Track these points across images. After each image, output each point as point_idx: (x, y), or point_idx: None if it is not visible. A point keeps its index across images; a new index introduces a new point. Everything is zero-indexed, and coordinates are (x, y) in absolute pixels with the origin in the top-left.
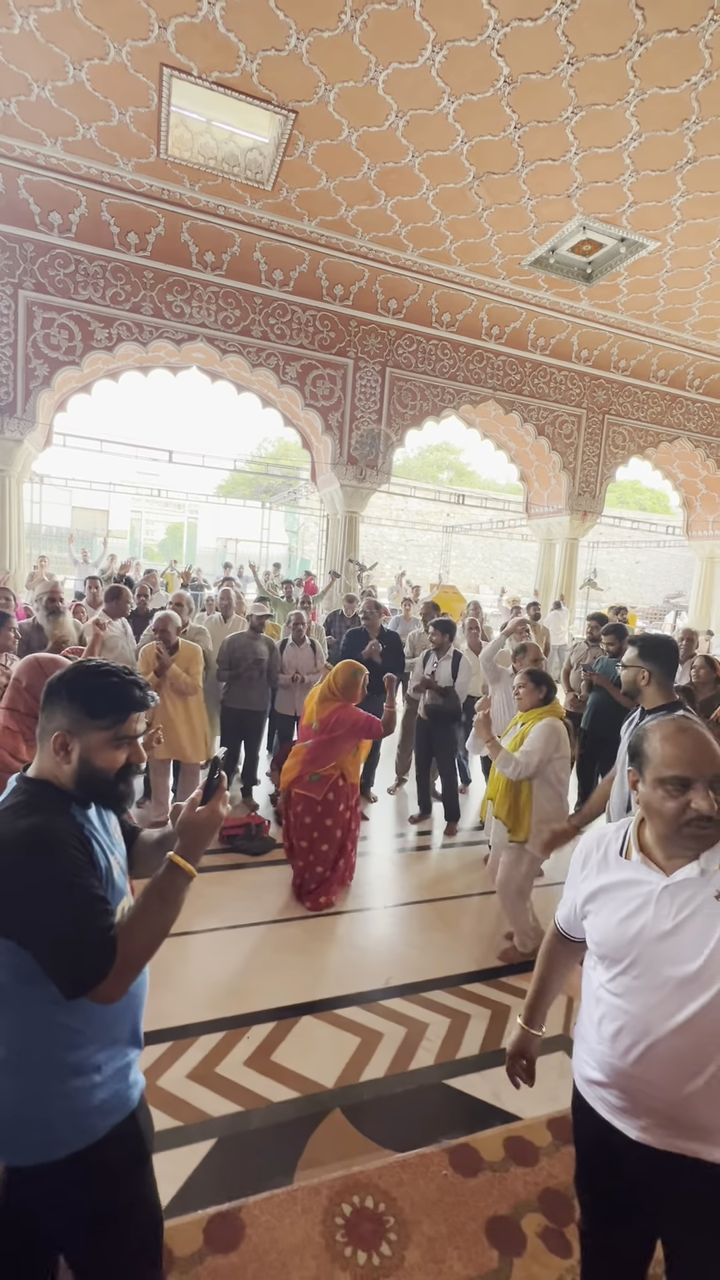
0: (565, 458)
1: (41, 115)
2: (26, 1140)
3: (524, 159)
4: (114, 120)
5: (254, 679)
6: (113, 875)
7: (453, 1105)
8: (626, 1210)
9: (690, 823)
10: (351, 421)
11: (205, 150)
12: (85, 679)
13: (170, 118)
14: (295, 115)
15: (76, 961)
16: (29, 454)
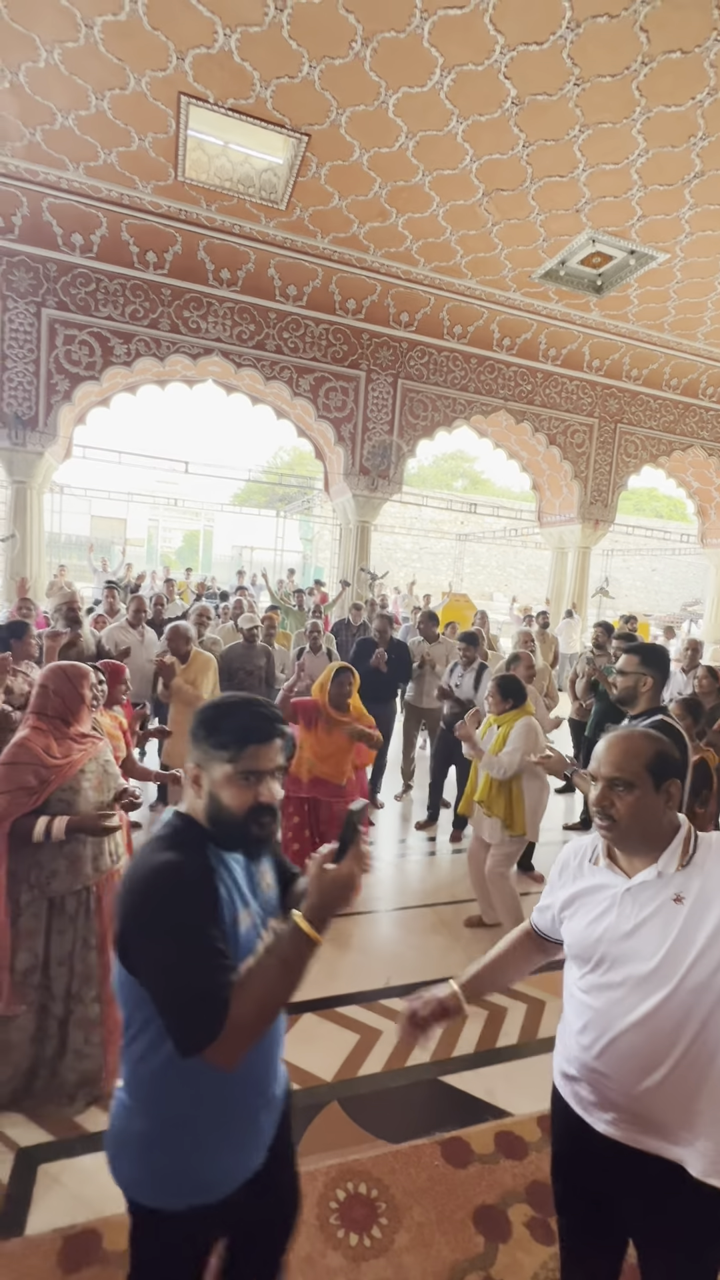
0: (577, 467)
1: (65, 142)
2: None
3: (532, 176)
4: (134, 146)
5: (251, 687)
6: (238, 929)
7: (447, 1100)
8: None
9: (597, 814)
10: (364, 432)
11: (221, 172)
12: (212, 708)
13: (187, 142)
14: (308, 138)
15: (184, 1017)
16: (49, 466)
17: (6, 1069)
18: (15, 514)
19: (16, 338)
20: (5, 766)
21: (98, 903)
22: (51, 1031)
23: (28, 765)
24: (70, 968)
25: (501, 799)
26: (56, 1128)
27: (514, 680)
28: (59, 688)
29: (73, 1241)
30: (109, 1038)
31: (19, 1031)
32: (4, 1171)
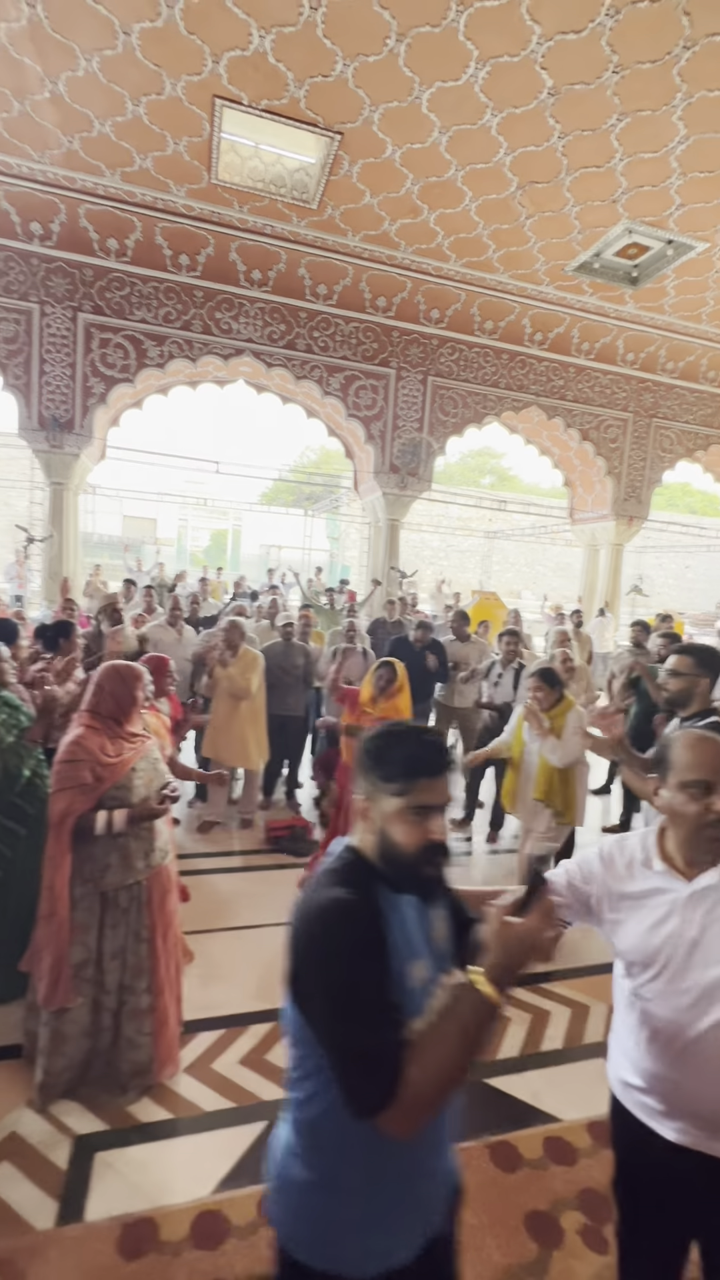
0: (610, 462)
1: (102, 149)
2: (276, 1211)
3: (568, 167)
4: (169, 150)
5: (290, 685)
6: (410, 982)
7: (493, 1103)
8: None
9: (711, 825)
10: (393, 430)
11: (253, 173)
12: (378, 738)
13: (221, 145)
14: (340, 136)
15: (354, 1077)
16: (85, 467)
17: (61, 1060)
18: (52, 515)
19: (54, 342)
20: (64, 764)
21: (148, 896)
22: (105, 1024)
23: (84, 762)
24: (123, 961)
25: (562, 790)
26: (111, 1117)
27: (555, 672)
28: (114, 688)
29: (131, 1230)
30: (159, 1028)
31: (73, 1024)
32: (62, 1158)
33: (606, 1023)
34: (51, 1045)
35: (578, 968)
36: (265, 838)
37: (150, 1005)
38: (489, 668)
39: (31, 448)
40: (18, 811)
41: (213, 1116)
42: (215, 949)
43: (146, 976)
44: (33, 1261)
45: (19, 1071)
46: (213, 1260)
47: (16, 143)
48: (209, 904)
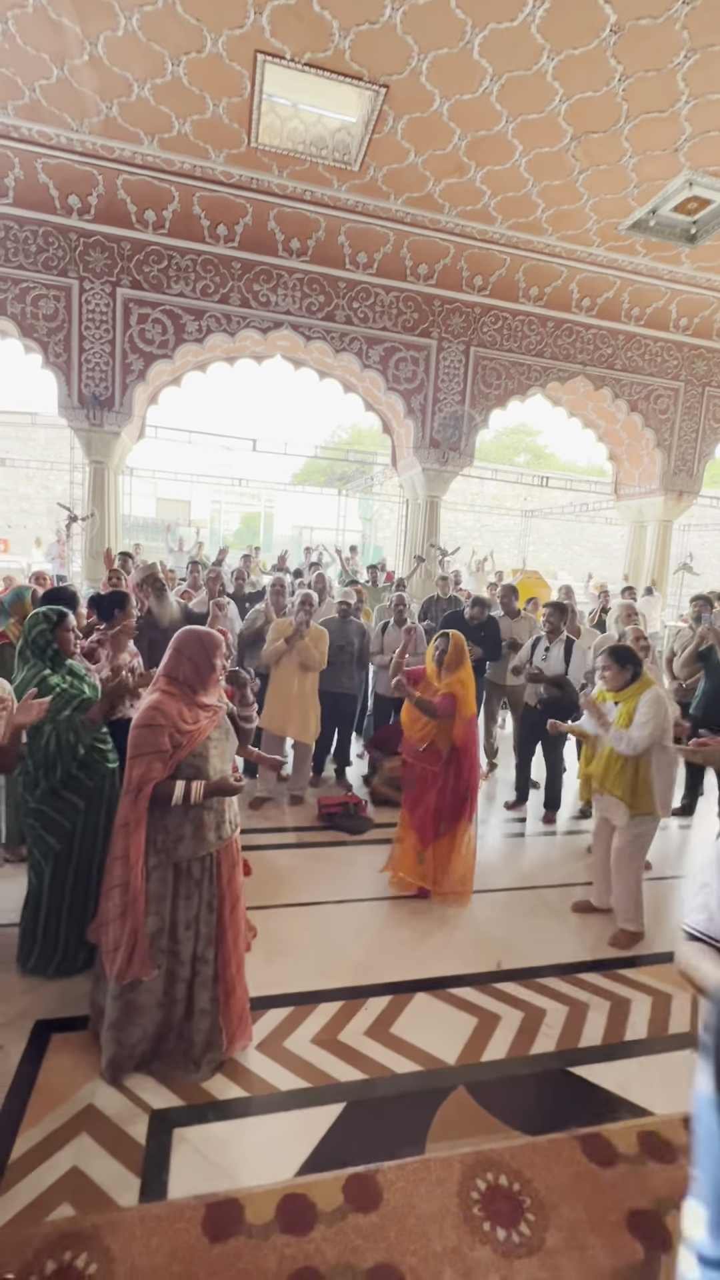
0: (660, 434)
1: (140, 114)
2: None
3: (627, 114)
4: (208, 113)
5: (344, 663)
6: None
7: (578, 1093)
8: None
9: None
10: (434, 404)
11: (294, 135)
12: None
13: (261, 106)
14: (386, 90)
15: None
16: (125, 446)
17: (136, 1032)
18: (93, 493)
19: (93, 319)
20: (143, 729)
21: (218, 869)
22: (179, 995)
23: (163, 728)
24: (196, 931)
25: (622, 778)
26: (186, 1093)
27: (629, 649)
28: (194, 654)
29: (214, 1210)
30: (226, 999)
31: (148, 994)
32: (139, 1133)
33: (693, 1014)
34: (125, 1018)
35: (657, 954)
36: (318, 814)
37: (219, 975)
38: (534, 642)
39: (72, 426)
40: (77, 784)
41: (289, 1096)
42: (276, 925)
43: (215, 946)
44: (118, 1237)
45: (91, 1043)
46: (302, 1247)
47: (55, 111)
48: (267, 880)
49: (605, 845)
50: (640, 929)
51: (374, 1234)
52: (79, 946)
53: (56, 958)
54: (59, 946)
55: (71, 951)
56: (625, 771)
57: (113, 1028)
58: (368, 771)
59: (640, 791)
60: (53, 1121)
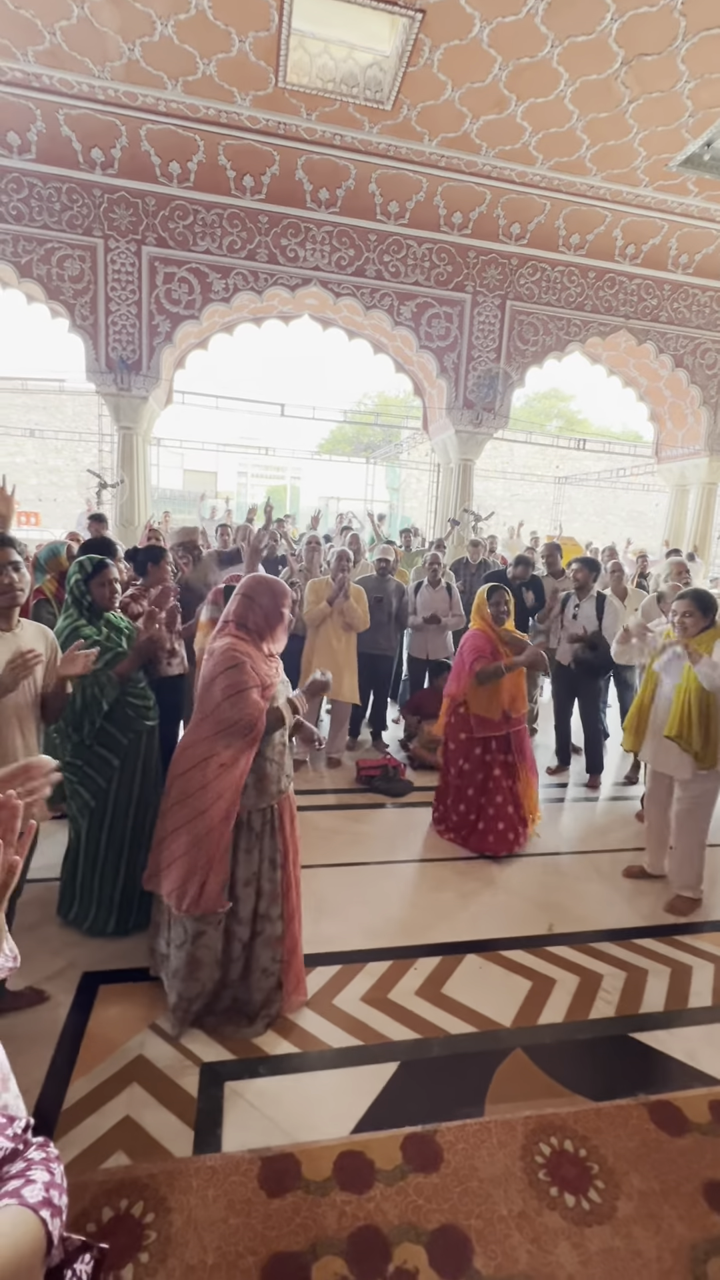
0: (706, 391)
1: (163, 55)
2: None
3: (685, 30)
4: (233, 50)
5: (383, 623)
6: None
7: (643, 1060)
8: None
9: None
10: (468, 362)
11: (324, 72)
12: None
13: (289, 40)
14: (423, 15)
15: None
16: (153, 412)
17: (195, 986)
18: (123, 460)
19: (119, 279)
20: (235, 670)
21: (279, 821)
22: (236, 954)
23: (247, 665)
24: (257, 888)
25: (700, 730)
26: (236, 1047)
27: (711, 596)
28: (266, 602)
29: (270, 1164)
30: (289, 955)
31: (208, 950)
32: (191, 1085)
33: None
34: (187, 970)
35: (716, 920)
36: (357, 777)
37: (283, 932)
38: (564, 600)
39: (99, 391)
40: (112, 741)
41: (341, 1054)
42: (321, 885)
43: (280, 903)
44: (174, 1189)
45: (142, 994)
46: (362, 1205)
47: (76, 55)
48: (310, 840)
49: (661, 807)
50: (699, 895)
51: (436, 1195)
52: (110, 909)
53: (91, 913)
54: (93, 903)
55: (103, 914)
56: (700, 721)
57: (175, 977)
58: (404, 735)
59: (711, 745)
60: (104, 1071)
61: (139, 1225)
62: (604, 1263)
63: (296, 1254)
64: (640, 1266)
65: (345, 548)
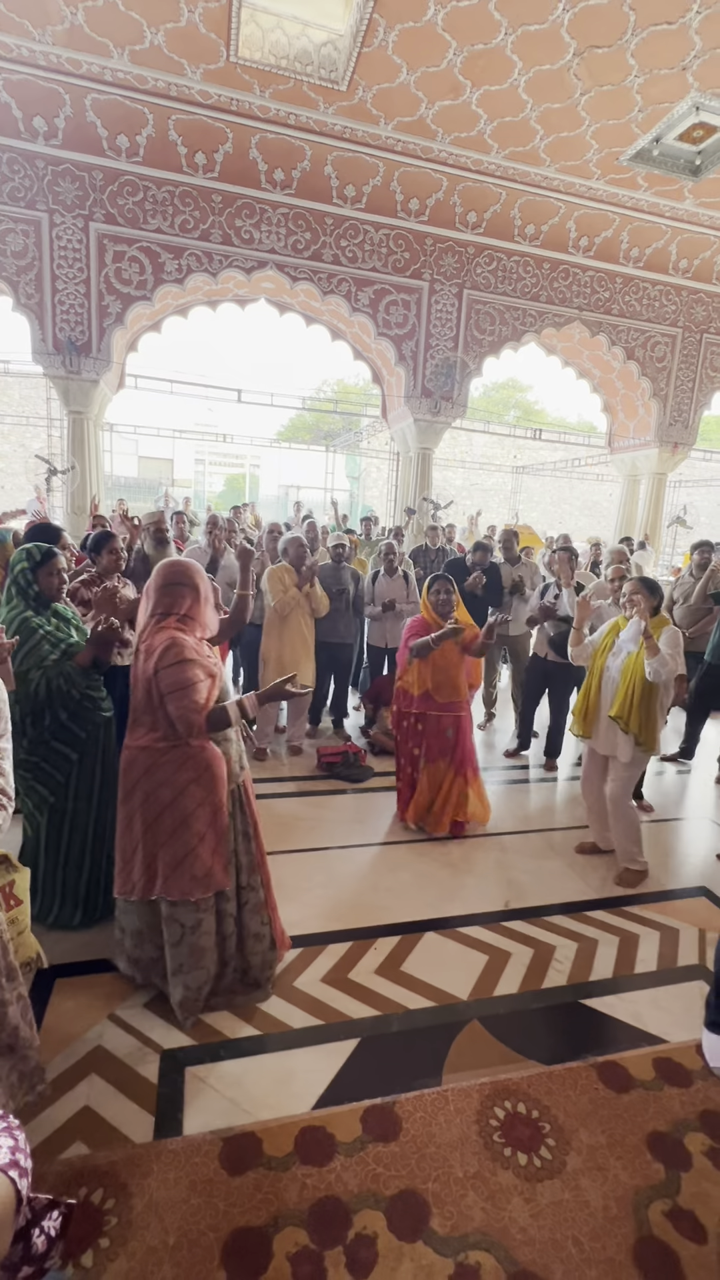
0: (656, 384)
1: (108, 22)
2: None
3: (635, 24)
4: (183, 20)
5: (340, 611)
6: None
7: (592, 1024)
8: None
9: None
10: (426, 350)
11: (277, 49)
12: None
13: (241, 12)
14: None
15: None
16: (105, 396)
17: (201, 975)
18: (73, 445)
19: (65, 256)
20: (182, 664)
21: (245, 796)
22: (229, 930)
23: (194, 662)
24: (237, 863)
25: (641, 712)
26: (197, 1032)
27: (659, 585)
28: (190, 583)
29: (232, 1144)
30: (273, 915)
31: (207, 935)
32: (151, 1072)
33: (701, 945)
34: (192, 961)
35: (661, 891)
36: (318, 764)
37: (265, 898)
38: (544, 588)
39: (47, 373)
40: (69, 734)
41: (302, 1033)
42: (281, 871)
43: (258, 870)
44: (134, 1174)
45: (101, 986)
46: (323, 1177)
47: (14, 18)
48: (271, 827)
49: (596, 786)
50: (644, 866)
51: (395, 1162)
52: (77, 902)
53: (55, 908)
54: (57, 898)
55: (68, 908)
56: (643, 707)
57: (179, 974)
58: (365, 722)
59: (651, 726)
60: (61, 1063)
61: (98, 1212)
62: (554, 1214)
63: (258, 1228)
64: (588, 1215)
65: (301, 534)
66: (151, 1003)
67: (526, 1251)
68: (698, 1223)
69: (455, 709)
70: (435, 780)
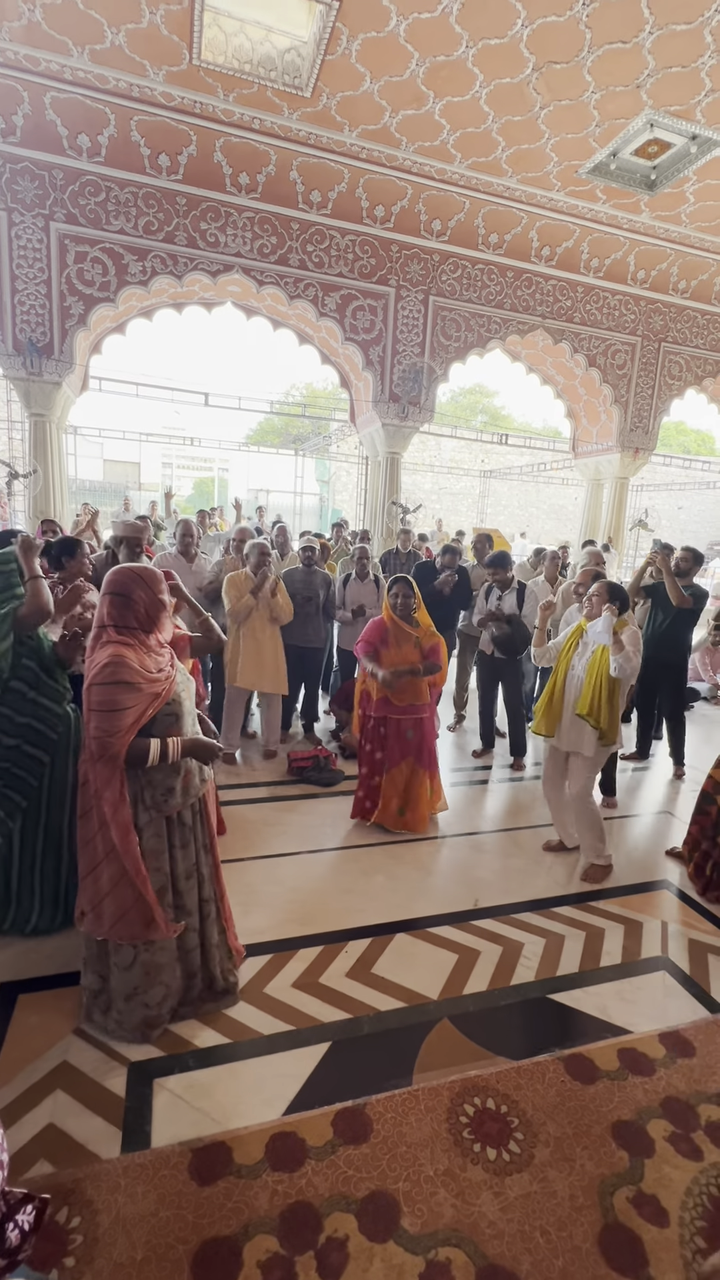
0: (617, 390)
1: (68, 20)
2: None
3: (591, 42)
4: (144, 21)
5: (310, 615)
6: None
7: (560, 1018)
8: None
9: None
10: (393, 355)
11: (240, 53)
12: None
13: (204, 16)
14: (339, 3)
15: None
16: (68, 398)
17: (159, 990)
18: (35, 449)
19: (25, 255)
20: (109, 686)
21: (204, 808)
22: (192, 944)
23: (133, 685)
24: (199, 876)
25: (606, 707)
26: (164, 1043)
27: (620, 587)
28: (141, 594)
29: (201, 1154)
30: (227, 924)
31: (163, 952)
32: (118, 1086)
33: (663, 938)
34: (146, 981)
35: (624, 885)
36: (289, 769)
37: (221, 909)
38: (487, 590)
39: (7, 375)
40: (40, 737)
41: (272, 1040)
42: (252, 878)
43: (216, 880)
44: (100, 1189)
45: (65, 1000)
46: (294, 1182)
47: None
48: (241, 834)
49: (557, 784)
50: (608, 862)
51: (365, 1164)
52: (55, 906)
53: (34, 914)
54: (35, 903)
55: (47, 911)
56: (607, 702)
57: (135, 995)
58: (335, 726)
59: (614, 721)
60: (24, 1080)
61: (63, 1231)
62: (523, 1206)
63: (228, 1238)
64: (555, 1205)
65: (265, 540)
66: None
67: (496, 1245)
68: (660, 1207)
69: (416, 711)
70: (399, 783)
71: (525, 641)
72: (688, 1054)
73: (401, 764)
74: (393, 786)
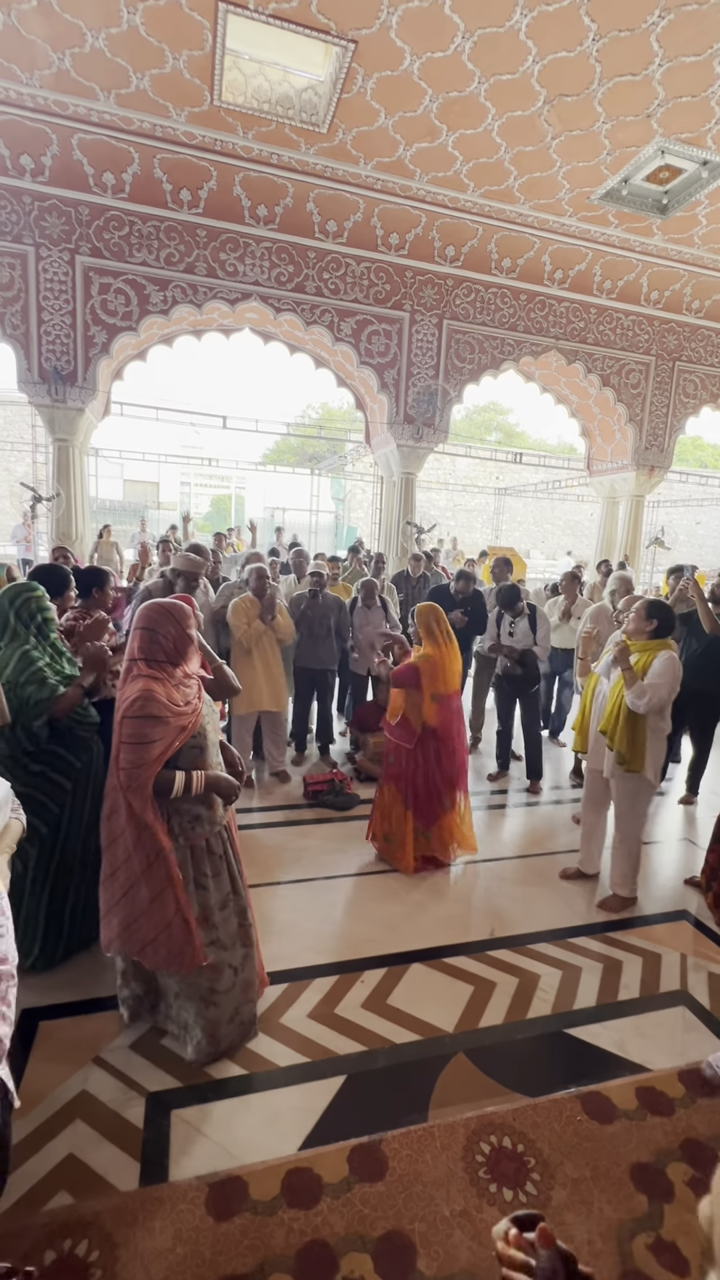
0: (632, 409)
1: (94, 67)
2: None
3: (601, 75)
4: (167, 67)
5: (322, 637)
6: None
7: (576, 1054)
8: None
9: None
10: (408, 378)
11: (259, 94)
12: None
13: (224, 60)
14: (355, 45)
15: None
16: (90, 423)
17: (226, 1012)
18: (59, 472)
19: (52, 288)
20: (140, 720)
21: (231, 835)
22: (231, 982)
23: (163, 719)
24: (234, 907)
25: (626, 731)
26: (183, 1074)
27: (666, 606)
28: (168, 630)
29: (218, 1189)
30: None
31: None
32: (137, 1117)
33: (682, 971)
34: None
35: (643, 915)
36: (305, 792)
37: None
38: (498, 618)
39: (33, 402)
40: (65, 765)
41: (288, 1072)
42: (268, 904)
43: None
44: (119, 1223)
45: (85, 1027)
46: (309, 1220)
47: (3, 62)
48: (257, 859)
49: (596, 809)
50: (633, 894)
51: (381, 1203)
52: (60, 934)
53: (37, 949)
54: (39, 936)
55: (52, 941)
56: (627, 723)
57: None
58: (351, 748)
59: (635, 750)
60: (45, 1110)
61: (84, 1265)
62: None
63: (244, 1276)
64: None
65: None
66: (138, 1044)
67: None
68: (680, 1255)
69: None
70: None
71: (535, 679)
72: (707, 1094)
73: None
74: None
